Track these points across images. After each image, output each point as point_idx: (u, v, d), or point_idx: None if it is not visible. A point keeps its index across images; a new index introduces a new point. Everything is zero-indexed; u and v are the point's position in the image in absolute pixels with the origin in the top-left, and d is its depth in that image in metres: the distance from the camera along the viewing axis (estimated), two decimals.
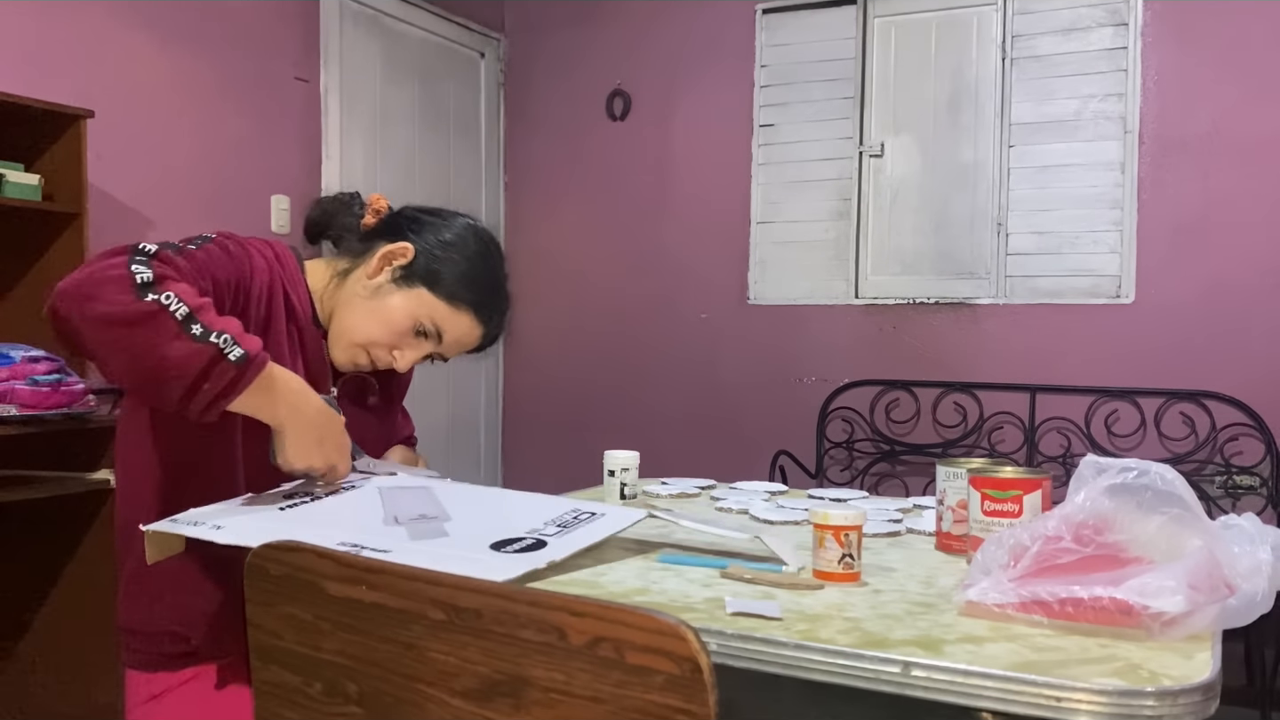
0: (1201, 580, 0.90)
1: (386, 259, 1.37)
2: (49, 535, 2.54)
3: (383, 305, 1.36)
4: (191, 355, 1.08)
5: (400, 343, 1.38)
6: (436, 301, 1.36)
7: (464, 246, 1.40)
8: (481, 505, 1.31)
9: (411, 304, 1.36)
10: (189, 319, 1.08)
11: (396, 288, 1.36)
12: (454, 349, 1.42)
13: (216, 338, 1.09)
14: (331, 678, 0.88)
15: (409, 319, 1.36)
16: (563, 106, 4.46)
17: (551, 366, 4.50)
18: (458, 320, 1.38)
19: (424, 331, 1.37)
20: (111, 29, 2.97)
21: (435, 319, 1.37)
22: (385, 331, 1.36)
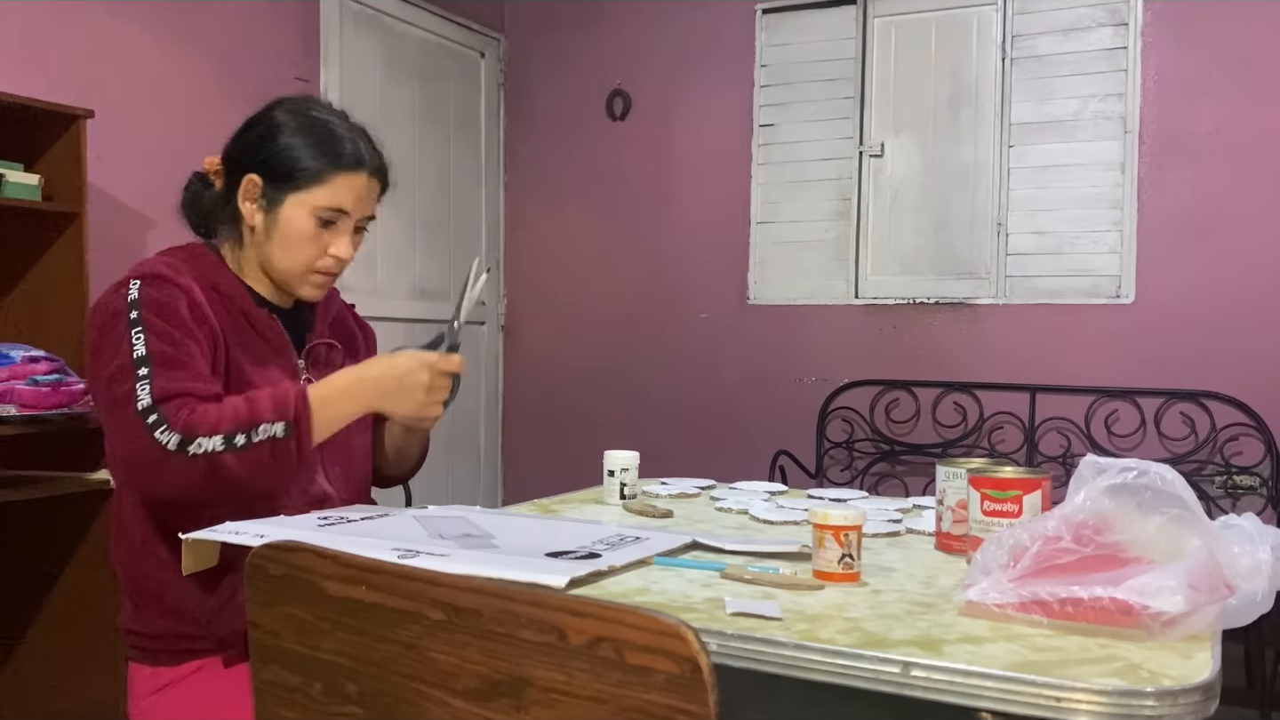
0: (1201, 580, 0.90)
1: (247, 199, 1.39)
2: (49, 535, 2.54)
3: (281, 232, 1.38)
4: (254, 462, 1.21)
5: (322, 243, 1.39)
6: (309, 193, 1.37)
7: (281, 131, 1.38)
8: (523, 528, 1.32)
9: (295, 212, 1.37)
10: (229, 439, 1.20)
11: (274, 210, 1.38)
12: (363, 207, 1.41)
13: (257, 434, 1.21)
14: (331, 678, 0.88)
15: (306, 221, 1.37)
16: (563, 106, 4.46)
17: (551, 366, 4.50)
18: (336, 188, 1.38)
19: (326, 220, 1.38)
20: (111, 29, 2.97)
21: (322, 203, 1.38)
22: (302, 246, 1.38)
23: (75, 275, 2.55)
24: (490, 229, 4.55)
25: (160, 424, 1.19)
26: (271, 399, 1.24)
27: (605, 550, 1.16)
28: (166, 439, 1.19)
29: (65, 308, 2.56)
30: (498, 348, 4.61)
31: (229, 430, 1.20)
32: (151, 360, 1.24)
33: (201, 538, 1.15)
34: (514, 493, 4.52)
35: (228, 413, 1.22)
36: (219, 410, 1.22)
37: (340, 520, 1.26)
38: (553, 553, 1.13)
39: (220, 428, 1.20)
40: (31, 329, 2.58)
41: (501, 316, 4.60)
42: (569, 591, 0.98)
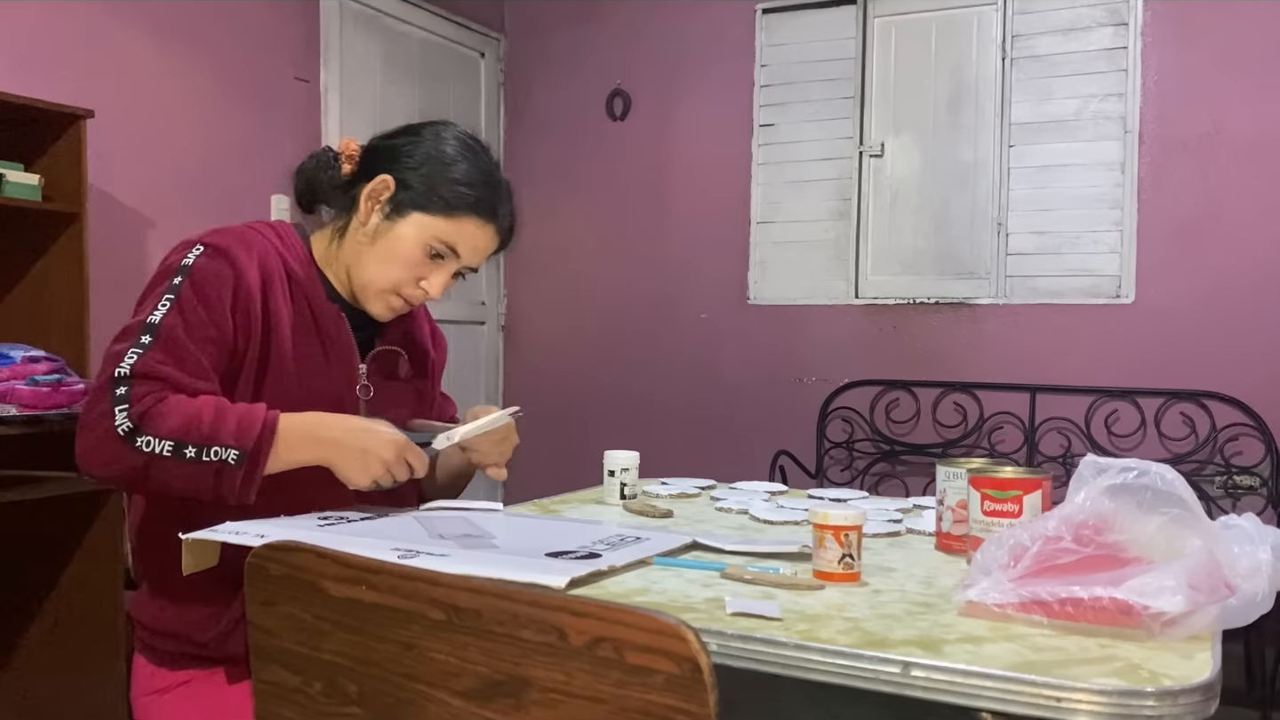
0: (1201, 580, 0.90)
1: (372, 198, 1.34)
2: (49, 535, 2.54)
3: (388, 244, 1.33)
4: (195, 477, 1.16)
5: (420, 272, 1.35)
6: (436, 220, 1.33)
7: (440, 154, 1.34)
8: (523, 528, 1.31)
9: (413, 231, 1.33)
10: (179, 447, 1.15)
11: (393, 222, 1.34)
12: (475, 256, 1.37)
13: (209, 454, 1.15)
14: (331, 678, 0.88)
15: (418, 247, 1.33)
16: (563, 106, 4.46)
17: (551, 366, 4.50)
18: (464, 228, 1.34)
19: (438, 253, 1.34)
20: (111, 29, 2.97)
21: (442, 237, 1.33)
22: (402, 268, 1.34)
23: (75, 275, 2.55)
24: None
25: (124, 401, 1.15)
26: (238, 422, 1.17)
27: (605, 550, 1.16)
28: (120, 420, 1.14)
29: (65, 308, 2.56)
30: (498, 348, 4.61)
31: (181, 438, 1.15)
32: (159, 331, 1.20)
33: (202, 538, 1.14)
34: (514, 493, 4.50)
35: (190, 418, 1.16)
36: (183, 411, 1.16)
37: (340, 520, 1.25)
38: (553, 553, 1.13)
39: (175, 433, 1.15)
40: (31, 329, 2.57)
41: (501, 316, 4.60)
42: (569, 591, 0.98)
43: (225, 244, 1.28)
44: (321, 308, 1.35)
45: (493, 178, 1.37)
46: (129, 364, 1.17)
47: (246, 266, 1.28)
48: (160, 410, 1.16)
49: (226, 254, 1.27)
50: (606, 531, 1.29)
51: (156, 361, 1.18)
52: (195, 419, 1.16)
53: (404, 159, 1.35)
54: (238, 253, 1.28)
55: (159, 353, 1.19)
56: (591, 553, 1.14)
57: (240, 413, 1.19)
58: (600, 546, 1.18)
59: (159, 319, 1.21)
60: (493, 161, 1.39)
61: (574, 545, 1.18)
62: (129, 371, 1.17)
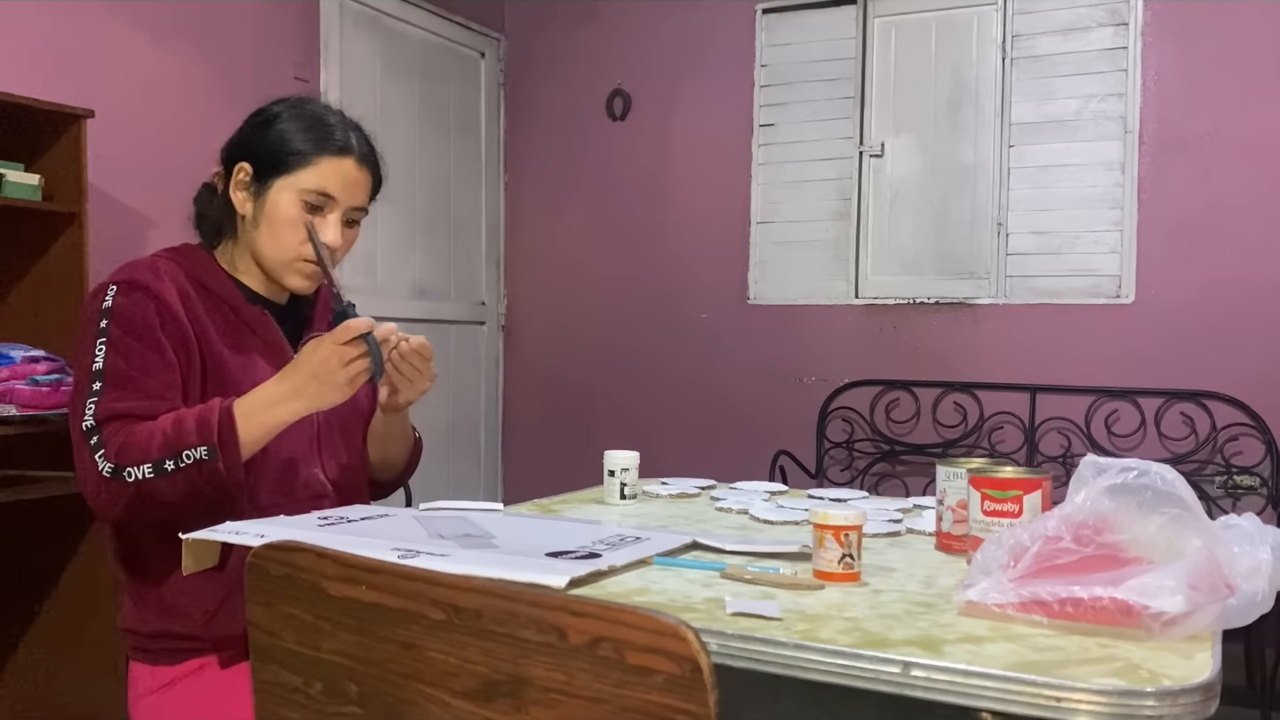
0: (1201, 580, 0.90)
1: (238, 188, 1.40)
2: (49, 535, 2.54)
3: (270, 219, 1.38)
4: (185, 484, 1.21)
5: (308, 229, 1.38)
6: (295, 176, 1.37)
7: (269, 121, 1.40)
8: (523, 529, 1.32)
9: (285, 196, 1.38)
10: (158, 465, 1.21)
11: (264, 198, 1.38)
12: (351, 192, 1.40)
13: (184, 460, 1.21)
14: (331, 678, 0.88)
15: (294, 205, 1.37)
16: (563, 106, 4.46)
17: (551, 366, 4.50)
18: (322, 170, 1.38)
19: (315, 205, 1.38)
20: (111, 29, 2.97)
21: (308, 186, 1.38)
22: (289, 232, 1.38)
23: (75, 275, 2.55)
24: (490, 229, 4.55)
25: (99, 447, 1.23)
26: (196, 420, 1.23)
27: (605, 550, 1.16)
28: (103, 465, 1.22)
29: (65, 308, 2.56)
30: (498, 348, 4.61)
31: (157, 456, 1.21)
32: (105, 376, 1.26)
33: (201, 538, 1.15)
34: (514, 493, 4.52)
35: (157, 437, 1.22)
36: (149, 434, 1.23)
37: (340, 520, 1.26)
38: (553, 552, 1.13)
39: (150, 454, 1.21)
40: (31, 329, 2.57)
41: (501, 316, 4.60)
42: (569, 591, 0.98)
43: (135, 276, 1.33)
44: (244, 310, 1.40)
45: (327, 118, 1.41)
46: (90, 414, 1.24)
47: (161, 290, 1.32)
48: (130, 442, 1.22)
49: (139, 285, 1.32)
50: (606, 531, 1.29)
51: (112, 401, 1.25)
52: (160, 435, 1.22)
53: (247, 143, 1.41)
54: (149, 281, 1.32)
55: (112, 393, 1.26)
56: (591, 552, 1.14)
57: (195, 414, 1.24)
58: (600, 546, 1.18)
59: (101, 365, 1.27)
60: (323, 106, 1.45)
61: (574, 545, 1.18)
62: (94, 421, 1.24)
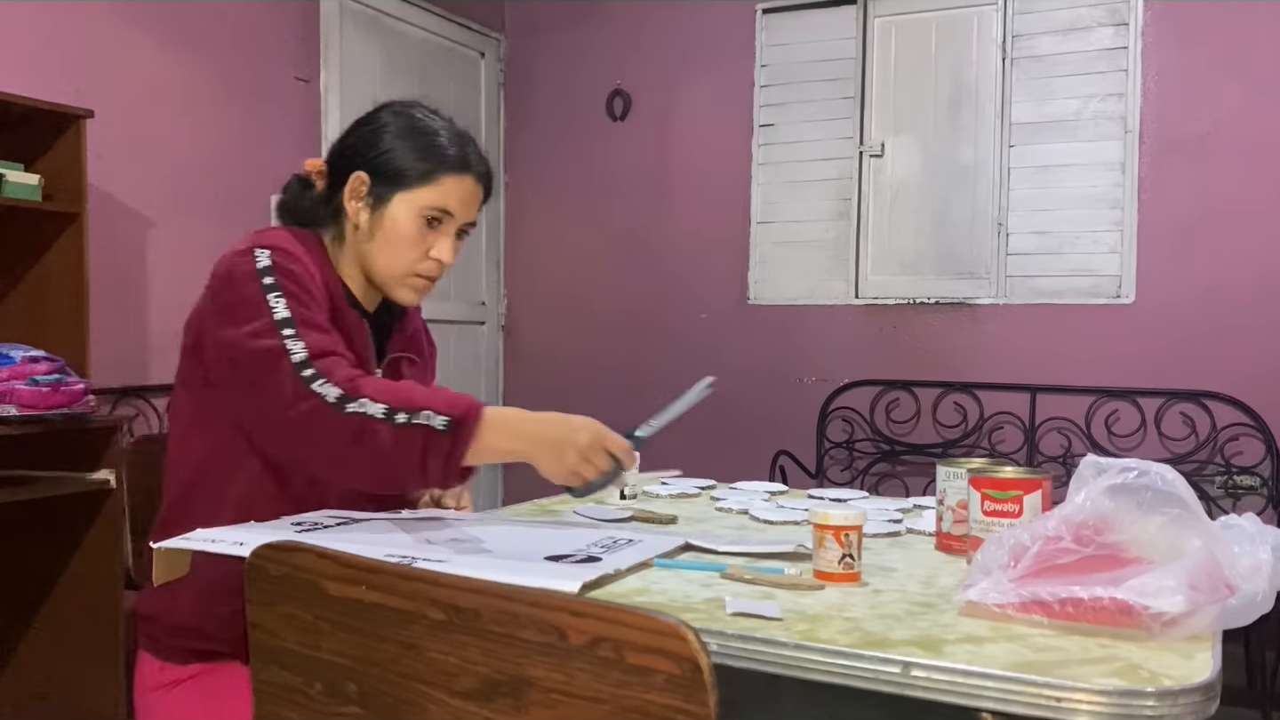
0: (1201, 580, 0.90)
1: (354, 198, 1.39)
2: (49, 535, 2.54)
3: (385, 232, 1.37)
4: (405, 443, 1.15)
5: (426, 244, 1.38)
6: (418, 192, 1.36)
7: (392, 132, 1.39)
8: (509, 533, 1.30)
9: (403, 210, 1.37)
10: (391, 412, 1.16)
11: (382, 210, 1.37)
12: (466, 209, 1.41)
13: (418, 417, 1.16)
14: (331, 678, 0.88)
15: (413, 222, 1.37)
16: (563, 106, 4.46)
17: (551, 366, 4.50)
18: (445, 187, 1.37)
19: (433, 219, 1.38)
20: (111, 29, 2.97)
21: (429, 204, 1.37)
22: (407, 247, 1.37)
23: (75, 275, 2.55)
24: (490, 229, 4.55)
25: (318, 377, 1.17)
26: (447, 396, 1.20)
27: (602, 553, 1.16)
28: (325, 391, 1.16)
29: (65, 308, 2.56)
30: (498, 348, 4.61)
31: (393, 402, 1.16)
32: (296, 323, 1.22)
33: (174, 546, 1.12)
34: (514, 493, 4.52)
35: (400, 388, 1.19)
36: (388, 382, 1.20)
37: (315, 526, 1.22)
38: (551, 556, 1.13)
39: (385, 397, 1.17)
40: (31, 329, 2.57)
41: (501, 316, 4.60)
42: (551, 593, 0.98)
43: (287, 245, 1.32)
44: (345, 312, 1.38)
45: (449, 132, 1.41)
46: (300, 349, 1.19)
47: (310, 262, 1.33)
48: (365, 378, 1.19)
49: (293, 253, 1.31)
50: (597, 535, 1.28)
51: (321, 341, 1.21)
52: (407, 390, 1.19)
53: (366, 151, 1.39)
54: (299, 252, 1.32)
55: (315, 334, 1.22)
56: (590, 556, 1.14)
57: (447, 390, 1.23)
58: (597, 550, 1.18)
59: (285, 314, 1.22)
60: (444, 119, 1.43)
61: (569, 549, 1.18)
62: (306, 355, 1.19)
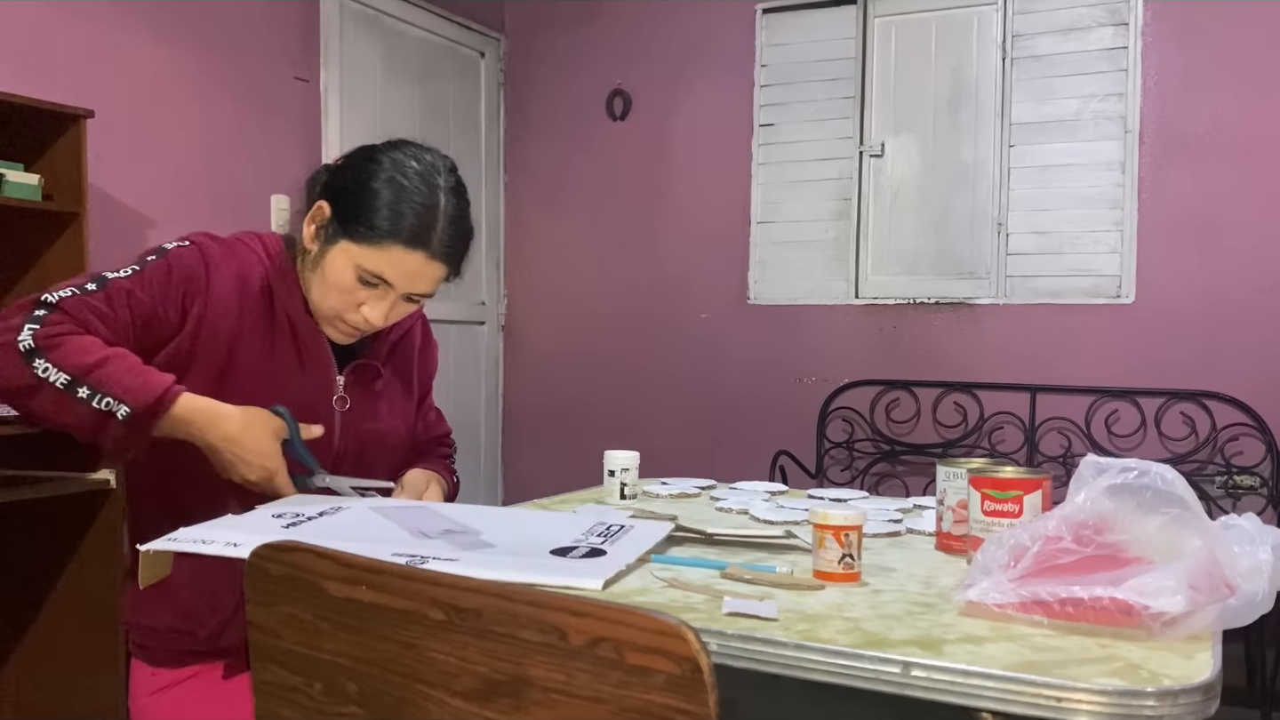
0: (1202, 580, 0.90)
1: (311, 223, 1.33)
2: (49, 535, 2.54)
3: (324, 271, 1.31)
4: (82, 419, 1.16)
5: (357, 299, 1.31)
6: (360, 249, 1.27)
7: (368, 179, 1.28)
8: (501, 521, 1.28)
9: (341, 260, 1.29)
10: (72, 384, 1.15)
11: (327, 249, 1.31)
12: (412, 283, 1.30)
13: (100, 402, 1.15)
14: (331, 678, 0.88)
15: (347, 275, 1.29)
16: (563, 106, 4.46)
17: (551, 366, 4.50)
18: (389, 257, 1.27)
19: (368, 282, 1.29)
20: (111, 29, 2.97)
21: (367, 265, 1.28)
22: (337, 295, 1.31)
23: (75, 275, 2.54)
24: (490, 229, 4.55)
25: (36, 322, 1.16)
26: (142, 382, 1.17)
27: (605, 544, 1.16)
28: (24, 336, 1.15)
29: None
30: (498, 348, 4.61)
31: (80, 375, 1.14)
32: (107, 285, 1.23)
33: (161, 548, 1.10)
34: (514, 493, 4.52)
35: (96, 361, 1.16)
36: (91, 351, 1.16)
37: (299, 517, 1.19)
38: (556, 550, 1.13)
39: (76, 369, 1.15)
40: None
41: (501, 316, 4.60)
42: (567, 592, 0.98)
43: (209, 247, 1.31)
44: (299, 319, 1.35)
45: (423, 203, 1.28)
46: (59, 295, 1.20)
47: (221, 272, 1.29)
48: (68, 342, 1.17)
49: (206, 255, 1.30)
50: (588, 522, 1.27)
51: (86, 307, 1.20)
52: (100, 363, 1.16)
53: (338, 184, 1.32)
54: (218, 258, 1.30)
55: (94, 300, 1.21)
56: (594, 548, 1.14)
57: (145, 375, 1.19)
58: (596, 540, 1.18)
59: (113, 276, 1.24)
60: (431, 184, 1.30)
61: (570, 540, 1.17)
62: (55, 301, 1.19)
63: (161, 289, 1.26)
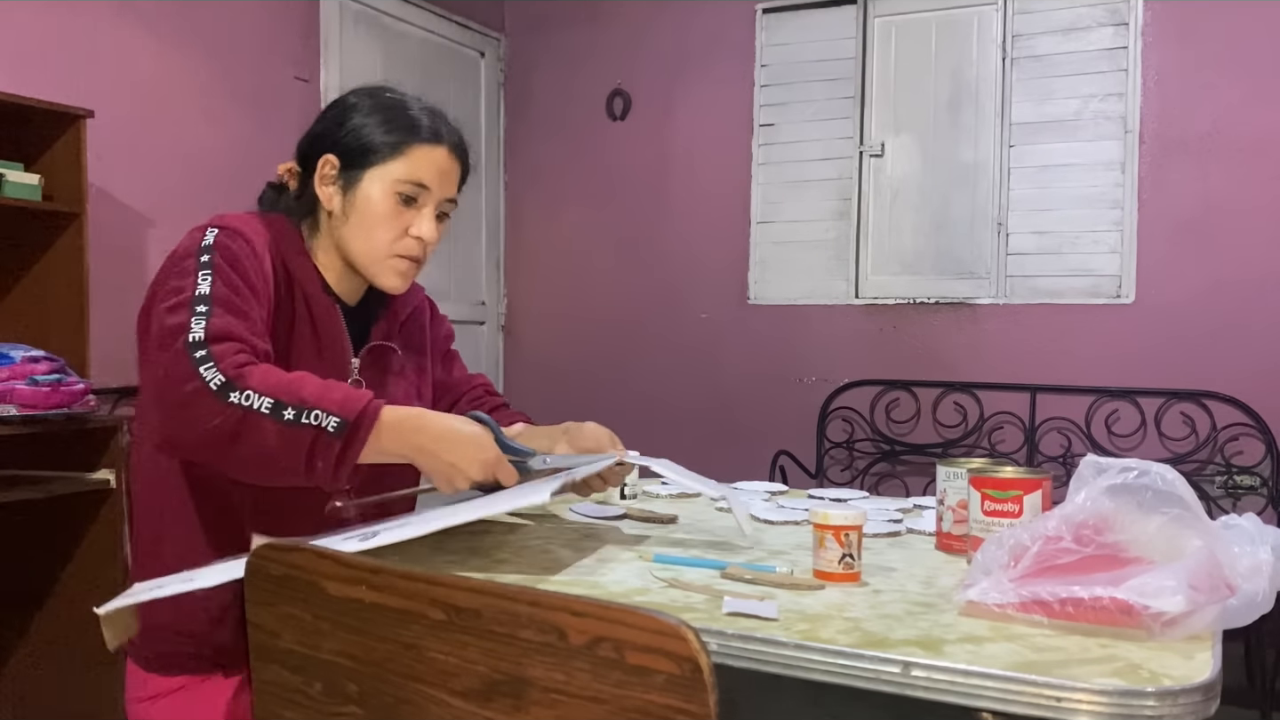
0: (1202, 580, 0.90)
1: (324, 182, 1.36)
2: (49, 535, 2.54)
3: (360, 212, 1.33)
4: (291, 441, 1.10)
5: (404, 223, 1.34)
6: (390, 165, 1.33)
7: (357, 109, 1.37)
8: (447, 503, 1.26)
9: (375, 187, 1.33)
10: (278, 407, 1.10)
11: (353, 189, 1.34)
12: (443, 182, 1.37)
13: (310, 417, 1.10)
14: (331, 678, 0.88)
15: (388, 199, 1.33)
16: (563, 106, 4.46)
17: (551, 366, 4.50)
18: (417, 159, 1.34)
19: (408, 196, 1.34)
20: (111, 29, 2.97)
21: (403, 177, 1.33)
22: (384, 224, 1.33)
23: (75, 275, 2.55)
24: (490, 229, 4.55)
25: (208, 360, 1.10)
26: (344, 393, 1.14)
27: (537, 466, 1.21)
28: (211, 376, 1.09)
29: (65, 308, 2.56)
30: (498, 348, 4.61)
31: (284, 398, 1.10)
32: (213, 300, 1.17)
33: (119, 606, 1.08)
34: None
35: (291, 381, 1.12)
36: (280, 375, 1.13)
37: None
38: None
39: (276, 391, 1.10)
40: (31, 329, 2.57)
41: (501, 316, 4.60)
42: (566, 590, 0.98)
43: (238, 226, 1.29)
44: (317, 299, 1.34)
45: (417, 105, 1.40)
46: (201, 329, 1.13)
47: (260, 247, 1.29)
48: (254, 369, 1.12)
49: (242, 234, 1.28)
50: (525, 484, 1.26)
51: (225, 324, 1.15)
52: (296, 382, 1.13)
53: (334, 133, 1.37)
54: (251, 235, 1.29)
55: (224, 315, 1.16)
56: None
57: (345, 388, 1.16)
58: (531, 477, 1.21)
59: (206, 290, 1.18)
60: (409, 95, 1.42)
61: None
62: (203, 336, 1.12)
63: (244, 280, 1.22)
